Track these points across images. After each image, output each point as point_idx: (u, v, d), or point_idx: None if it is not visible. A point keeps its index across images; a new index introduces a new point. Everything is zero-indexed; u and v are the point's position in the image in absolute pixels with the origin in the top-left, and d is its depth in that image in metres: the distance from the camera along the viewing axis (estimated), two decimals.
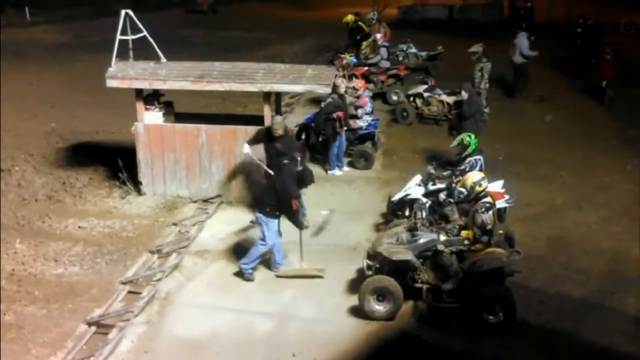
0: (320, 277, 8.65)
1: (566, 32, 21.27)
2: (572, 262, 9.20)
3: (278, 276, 8.70)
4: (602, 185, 11.88)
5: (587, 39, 18.81)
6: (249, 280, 8.56)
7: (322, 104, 12.44)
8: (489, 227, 7.73)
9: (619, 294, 8.39)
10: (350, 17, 19.42)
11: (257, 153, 9.86)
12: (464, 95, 12.02)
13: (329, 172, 12.42)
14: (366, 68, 16.59)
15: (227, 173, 10.76)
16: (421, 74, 18.01)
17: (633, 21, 18.00)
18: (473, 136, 10.14)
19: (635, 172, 12.47)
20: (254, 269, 8.63)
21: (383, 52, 17.20)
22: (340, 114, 11.95)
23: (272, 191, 8.35)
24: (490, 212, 7.76)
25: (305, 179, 8.41)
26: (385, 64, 17.16)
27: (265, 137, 9.75)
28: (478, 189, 8.09)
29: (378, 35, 17.65)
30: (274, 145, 9.59)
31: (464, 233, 8.06)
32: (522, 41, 16.93)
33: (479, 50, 15.00)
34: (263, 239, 8.47)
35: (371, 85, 16.02)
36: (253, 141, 9.90)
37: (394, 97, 16.47)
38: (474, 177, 8.27)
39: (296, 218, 8.43)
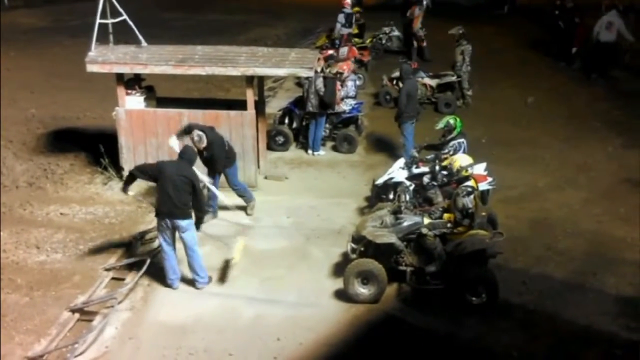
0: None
1: (548, 14, 21.31)
2: (554, 243, 9.29)
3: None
4: (584, 167, 11.98)
5: (567, 22, 18.84)
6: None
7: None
8: (470, 210, 7.79)
9: (600, 274, 8.49)
10: (356, 9, 19.39)
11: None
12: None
13: (315, 153, 12.41)
14: (331, 52, 15.93)
15: None
16: (404, 57, 17.99)
17: (614, 3, 18.06)
18: (458, 119, 10.15)
19: (617, 153, 12.58)
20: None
21: (340, 17, 16.89)
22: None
23: (184, 189, 7.82)
24: (472, 196, 7.81)
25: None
26: (344, 31, 16.93)
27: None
28: (464, 173, 8.13)
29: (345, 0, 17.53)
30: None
31: (446, 216, 8.12)
32: (617, 19, 16.55)
33: (457, 33, 15.00)
34: (191, 249, 7.95)
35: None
36: (181, 134, 9.35)
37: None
38: (461, 161, 8.29)
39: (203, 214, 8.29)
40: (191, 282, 8.16)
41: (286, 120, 12.95)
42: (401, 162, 10.18)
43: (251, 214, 9.86)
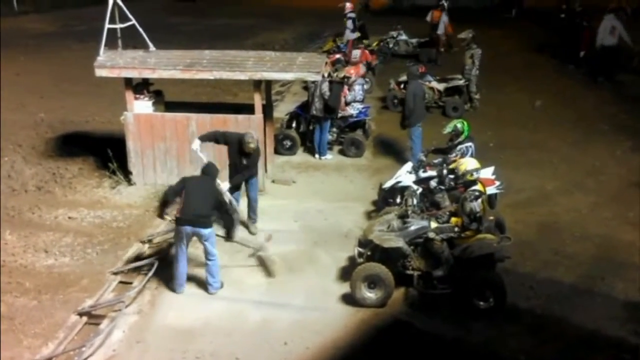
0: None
1: (555, 17, 21.32)
2: (562, 247, 9.26)
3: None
4: (593, 171, 11.93)
5: (574, 25, 18.80)
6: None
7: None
8: (477, 215, 7.77)
9: (608, 278, 8.45)
10: None
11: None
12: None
13: (322, 157, 12.42)
14: (338, 56, 15.97)
15: (218, 162, 10.69)
16: (412, 60, 18.00)
17: (621, 5, 18.06)
18: (466, 123, 10.14)
19: (625, 157, 12.53)
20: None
21: (349, 23, 16.81)
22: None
23: (207, 201, 7.95)
24: (479, 201, 7.79)
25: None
26: (352, 36, 16.87)
27: (238, 148, 9.18)
28: (468, 177, 8.12)
29: (348, 4, 17.47)
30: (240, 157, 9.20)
31: (454, 220, 8.10)
32: (617, 23, 16.65)
33: (467, 37, 15.00)
34: (212, 254, 7.98)
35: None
36: (207, 139, 9.32)
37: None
38: (468, 164, 8.27)
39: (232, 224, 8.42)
40: (200, 286, 8.19)
41: (293, 124, 12.97)
42: (408, 166, 10.16)
43: (255, 232, 9.64)
